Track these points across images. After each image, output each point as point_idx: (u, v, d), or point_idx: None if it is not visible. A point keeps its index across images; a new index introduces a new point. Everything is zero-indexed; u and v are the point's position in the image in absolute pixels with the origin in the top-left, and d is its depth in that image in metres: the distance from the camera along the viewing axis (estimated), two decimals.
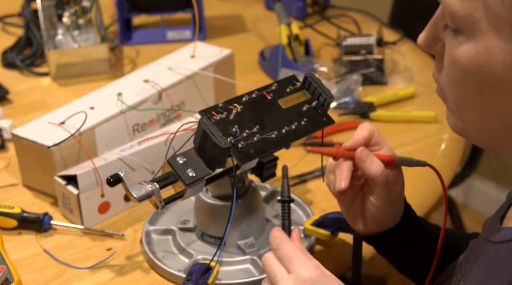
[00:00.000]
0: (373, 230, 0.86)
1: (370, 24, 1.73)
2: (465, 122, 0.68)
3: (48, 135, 1.08)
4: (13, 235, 1.04)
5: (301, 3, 1.81)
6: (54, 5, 1.52)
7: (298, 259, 0.73)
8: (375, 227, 0.85)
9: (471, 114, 0.66)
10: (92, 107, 1.16)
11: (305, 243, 0.99)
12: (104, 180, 1.02)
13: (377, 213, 0.83)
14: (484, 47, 0.60)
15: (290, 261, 0.74)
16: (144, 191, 0.84)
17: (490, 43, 0.60)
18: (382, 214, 0.84)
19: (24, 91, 1.47)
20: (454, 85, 0.65)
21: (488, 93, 0.62)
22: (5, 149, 1.25)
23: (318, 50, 1.63)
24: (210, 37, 1.72)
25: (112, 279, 0.95)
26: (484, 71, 0.61)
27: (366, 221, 0.85)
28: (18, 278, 0.90)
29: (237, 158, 0.83)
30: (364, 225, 0.86)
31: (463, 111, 0.67)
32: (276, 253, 0.76)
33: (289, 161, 1.20)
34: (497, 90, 0.61)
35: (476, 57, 0.61)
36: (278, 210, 1.05)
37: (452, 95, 0.67)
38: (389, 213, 0.84)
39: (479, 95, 0.63)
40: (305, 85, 0.94)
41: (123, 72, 1.54)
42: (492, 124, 0.65)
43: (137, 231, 1.04)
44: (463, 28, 0.62)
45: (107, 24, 1.70)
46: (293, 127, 0.89)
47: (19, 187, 1.16)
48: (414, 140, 1.27)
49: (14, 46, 1.62)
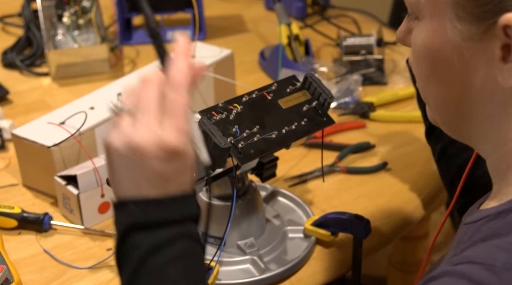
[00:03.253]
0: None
1: (370, 24, 1.73)
2: (432, 109, 0.70)
3: (48, 135, 1.08)
4: (13, 235, 1.04)
5: (301, 3, 1.81)
6: (54, 5, 1.52)
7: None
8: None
9: (433, 99, 0.69)
10: (92, 107, 1.16)
11: (305, 243, 0.99)
12: (104, 180, 1.02)
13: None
14: (432, 29, 0.64)
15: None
16: None
17: (435, 26, 0.64)
18: None
19: (24, 91, 1.47)
20: (416, 69, 0.68)
21: (441, 74, 0.65)
22: (5, 149, 1.25)
23: (318, 50, 1.63)
24: (210, 37, 1.72)
25: (112, 279, 0.95)
26: (434, 53, 0.64)
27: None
28: (18, 278, 0.90)
29: (237, 158, 0.83)
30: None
31: (428, 98, 0.69)
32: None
33: (289, 161, 1.20)
34: (447, 71, 0.64)
35: (426, 40, 0.65)
36: (278, 210, 1.06)
37: (418, 81, 0.69)
38: None
39: (435, 78, 0.66)
40: (305, 85, 0.94)
41: (123, 72, 1.54)
42: (450, 108, 0.67)
43: None
44: (417, 14, 0.66)
45: (107, 24, 1.70)
46: (293, 127, 0.89)
47: (19, 187, 1.16)
48: (414, 140, 1.27)
49: (14, 46, 1.62)
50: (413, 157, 1.21)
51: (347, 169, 1.17)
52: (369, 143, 1.23)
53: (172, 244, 0.59)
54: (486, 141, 0.67)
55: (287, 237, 1.01)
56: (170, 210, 0.60)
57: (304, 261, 0.96)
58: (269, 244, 0.98)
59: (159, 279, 0.58)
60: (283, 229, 1.01)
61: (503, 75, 0.60)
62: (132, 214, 0.59)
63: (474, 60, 0.62)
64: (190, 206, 0.62)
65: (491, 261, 0.54)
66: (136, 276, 0.59)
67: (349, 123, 1.31)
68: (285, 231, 1.01)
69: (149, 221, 0.59)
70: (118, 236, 0.60)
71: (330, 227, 0.97)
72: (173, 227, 0.60)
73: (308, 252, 0.97)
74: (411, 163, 1.18)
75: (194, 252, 0.61)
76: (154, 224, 0.59)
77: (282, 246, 0.99)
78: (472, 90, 0.64)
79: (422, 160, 1.20)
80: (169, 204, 0.60)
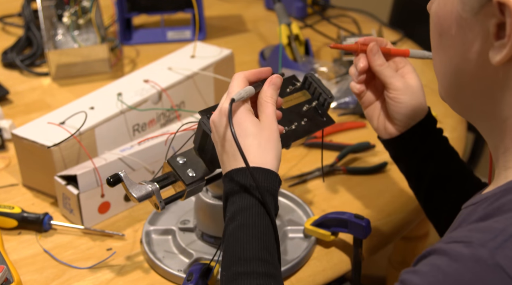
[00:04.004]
0: (391, 133, 0.92)
1: (370, 24, 1.73)
2: (438, 79, 0.74)
3: (48, 135, 1.08)
4: (13, 235, 1.04)
5: (301, 3, 1.81)
6: (54, 5, 1.52)
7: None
8: (393, 129, 0.92)
9: (437, 69, 0.73)
10: (92, 107, 1.16)
11: (305, 243, 0.99)
12: (104, 180, 1.02)
13: (397, 107, 0.90)
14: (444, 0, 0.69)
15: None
16: (144, 191, 0.84)
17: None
18: (404, 108, 0.90)
19: (24, 91, 1.47)
20: (431, 39, 0.72)
21: (445, 44, 0.69)
22: (5, 149, 1.25)
23: (318, 50, 1.63)
24: (210, 37, 1.72)
25: (112, 279, 0.95)
26: (441, 21, 0.68)
27: (386, 123, 0.92)
28: (18, 278, 0.90)
29: None
30: (384, 127, 0.93)
31: (436, 68, 0.73)
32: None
33: (289, 161, 1.20)
34: (450, 41, 0.68)
35: (437, 8, 0.69)
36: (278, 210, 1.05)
37: (432, 51, 0.74)
38: (410, 107, 0.90)
39: (441, 48, 0.70)
40: (305, 85, 0.94)
41: (123, 72, 1.54)
42: (451, 79, 0.70)
43: (137, 231, 1.04)
44: None
45: (107, 24, 1.70)
46: (293, 127, 0.89)
47: (19, 187, 1.16)
48: None
49: (14, 46, 1.62)
50: None
51: (347, 169, 1.17)
52: (369, 143, 1.23)
53: (244, 211, 0.74)
54: (483, 118, 0.70)
55: (287, 237, 1.00)
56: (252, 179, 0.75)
57: (304, 261, 0.96)
58: None
59: (232, 238, 0.73)
60: (283, 229, 1.01)
61: (493, 52, 0.62)
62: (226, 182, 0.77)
63: (472, 34, 0.65)
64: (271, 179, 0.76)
65: (469, 239, 0.57)
66: (224, 234, 0.75)
67: (349, 123, 1.31)
68: (285, 231, 1.01)
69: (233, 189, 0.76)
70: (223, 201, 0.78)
71: (330, 227, 0.97)
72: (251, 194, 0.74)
73: (308, 252, 0.97)
74: None
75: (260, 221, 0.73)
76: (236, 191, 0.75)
77: (282, 246, 0.99)
78: (469, 63, 0.66)
79: None
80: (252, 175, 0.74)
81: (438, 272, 0.57)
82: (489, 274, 0.55)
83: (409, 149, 0.93)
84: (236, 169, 0.76)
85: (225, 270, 0.73)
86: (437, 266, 0.58)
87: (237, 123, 0.77)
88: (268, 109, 0.80)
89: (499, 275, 0.54)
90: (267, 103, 0.80)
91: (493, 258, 0.55)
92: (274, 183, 0.76)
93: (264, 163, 0.76)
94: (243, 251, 0.72)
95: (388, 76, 0.90)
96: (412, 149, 0.93)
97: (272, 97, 0.81)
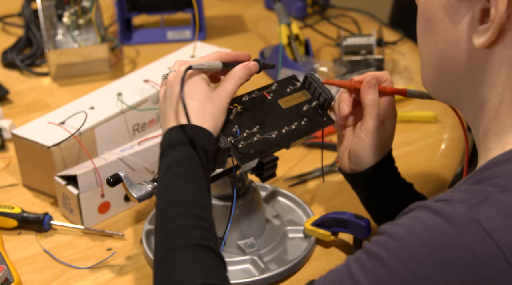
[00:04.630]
0: (353, 168, 0.93)
1: (370, 24, 1.73)
2: (422, 67, 0.75)
3: (48, 135, 1.08)
4: (13, 235, 1.04)
5: (301, 3, 1.81)
6: (54, 5, 1.52)
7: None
8: (356, 165, 0.92)
9: (423, 52, 0.74)
10: (92, 107, 1.16)
11: (305, 243, 0.99)
12: (104, 180, 1.02)
13: (361, 150, 0.90)
14: None
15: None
16: (144, 191, 0.84)
17: None
18: (365, 153, 0.91)
19: (24, 91, 1.47)
20: (417, 26, 0.74)
21: (431, 26, 0.71)
22: (5, 149, 1.25)
23: (318, 50, 1.63)
24: (210, 37, 1.72)
25: (112, 279, 0.95)
26: (429, 6, 0.70)
27: (350, 158, 0.93)
28: (18, 278, 0.90)
29: (237, 158, 0.83)
30: (348, 161, 0.94)
31: (421, 56, 0.75)
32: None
33: (289, 161, 1.20)
34: (436, 24, 0.70)
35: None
36: (278, 210, 1.06)
37: (417, 39, 0.75)
38: (369, 154, 0.91)
39: (427, 31, 0.72)
40: (305, 85, 0.94)
41: (123, 72, 1.54)
42: (435, 63, 0.72)
43: (137, 231, 1.04)
44: None
45: (107, 24, 1.70)
46: (293, 127, 0.89)
47: (19, 187, 1.16)
48: (414, 140, 1.27)
49: (14, 46, 1.62)
50: (413, 157, 1.21)
51: None
52: None
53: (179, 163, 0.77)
54: (466, 102, 0.72)
55: (287, 237, 1.01)
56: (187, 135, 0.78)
57: (304, 261, 0.96)
58: (269, 244, 0.98)
59: (169, 187, 0.76)
60: (283, 229, 1.01)
61: (477, 35, 0.65)
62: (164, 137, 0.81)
63: (458, 19, 0.67)
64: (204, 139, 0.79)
65: (450, 197, 0.62)
66: (159, 185, 0.78)
67: None
68: (285, 231, 1.01)
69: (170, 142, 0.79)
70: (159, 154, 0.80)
71: (330, 227, 0.97)
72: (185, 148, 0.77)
73: (308, 252, 0.97)
74: (411, 163, 1.18)
75: (195, 171, 0.77)
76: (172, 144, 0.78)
77: (282, 246, 0.99)
78: (455, 47, 0.68)
79: (422, 160, 1.20)
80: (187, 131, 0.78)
81: (419, 223, 0.61)
82: (466, 226, 0.58)
83: (369, 184, 0.94)
84: (175, 126, 0.79)
85: (161, 215, 0.75)
86: (419, 218, 0.61)
87: (189, 87, 0.81)
88: (229, 85, 0.83)
89: (475, 227, 0.58)
90: (230, 80, 0.84)
91: (471, 212, 0.59)
92: (209, 142, 0.79)
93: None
94: (179, 196, 0.75)
95: (372, 117, 0.89)
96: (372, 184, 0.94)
97: (240, 78, 0.84)
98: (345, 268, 0.63)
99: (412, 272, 0.59)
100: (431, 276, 0.58)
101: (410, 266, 0.59)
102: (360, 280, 0.61)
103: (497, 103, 0.67)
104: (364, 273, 0.61)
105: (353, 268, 0.62)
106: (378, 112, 0.90)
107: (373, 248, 0.62)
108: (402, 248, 0.60)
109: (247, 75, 0.85)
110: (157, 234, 0.74)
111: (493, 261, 0.57)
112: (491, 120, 0.68)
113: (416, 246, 0.59)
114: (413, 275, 0.59)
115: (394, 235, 0.61)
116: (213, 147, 0.79)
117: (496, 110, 0.68)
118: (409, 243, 0.60)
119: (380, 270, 0.60)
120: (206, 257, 0.71)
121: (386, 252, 0.60)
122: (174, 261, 0.70)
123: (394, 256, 0.60)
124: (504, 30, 0.64)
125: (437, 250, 0.58)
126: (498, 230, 0.58)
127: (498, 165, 0.65)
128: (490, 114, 0.68)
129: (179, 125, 0.79)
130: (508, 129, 0.67)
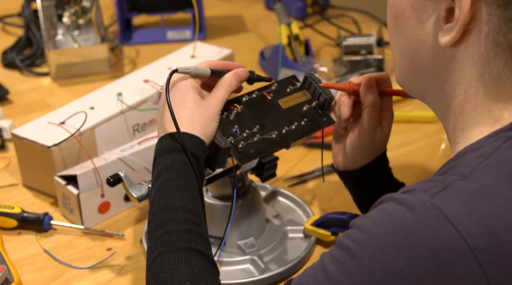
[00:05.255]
0: (346, 166, 0.94)
1: (370, 24, 1.73)
2: (395, 62, 0.77)
3: (48, 135, 1.08)
4: (13, 235, 1.04)
5: (301, 3, 1.81)
6: (54, 5, 1.52)
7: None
8: (350, 163, 0.93)
9: (394, 48, 0.75)
10: (92, 107, 1.16)
11: (305, 243, 0.99)
12: (104, 180, 1.02)
13: (356, 149, 0.91)
14: None
15: None
16: (144, 191, 0.84)
17: None
18: (360, 152, 0.91)
19: (24, 91, 1.47)
20: (387, 18, 0.75)
21: (399, 23, 0.72)
22: (5, 149, 1.25)
23: (318, 50, 1.63)
24: (210, 37, 1.72)
25: (112, 279, 0.95)
26: (397, 3, 0.71)
27: (345, 155, 0.93)
28: (18, 278, 0.90)
29: (237, 158, 0.83)
30: (342, 159, 0.94)
31: (392, 51, 0.76)
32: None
33: (289, 161, 1.20)
34: (404, 21, 0.71)
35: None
36: (278, 210, 1.06)
37: (389, 34, 0.76)
38: (364, 153, 0.91)
39: (395, 28, 0.73)
40: (305, 85, 0.94)
41: (123, 72, 1.54)
42: (406, 61, 0.74)
43: (137, 231, 1.04)
44: None
45: (107, 24, 1.70)
46: (293, 127, 0.89)
47: (19, 187, 1.16)
48: (414, 140, 1.27)
49: (14, 46, 1.62)
50: (413, 157, 1.21)
51: None
52: None
53: (168, 169, 0.78)
54: (435, 99, 0.74)
55: (287, 237, 1.01)
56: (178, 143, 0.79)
57: (304, 261, 0.96)
58: (269, 244, 0.98)
59: (160, 193, 0.78)
60: (283, 229, 1.01)
61: (442, 34, 0.67)
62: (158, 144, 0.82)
63: (424, 17, 0.68)
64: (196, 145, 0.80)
65: (413, 188, 0.64)
66: (151, 192, 0.80)
67: None
68: (285, 231, 1.01)
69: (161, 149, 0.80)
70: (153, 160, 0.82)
71: (330, 227, 0.97)
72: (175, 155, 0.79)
73: (308, 252, 0.97)
74: (411, 163, 1.18)
75: (185, 177, 0.78)
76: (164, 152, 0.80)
77: (282, 246, 0.99)
78: (422, 45, 0.70)
79: (422, 160, 1.20)
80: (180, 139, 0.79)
81: (383, 213, 0.63)
82: (426, 213, 0.60)
83: (362, 183, 0.95)
84: (167, 134, 0.81)
85: (153, 220, 0.76)
86: (384, 209, 0.64)
87: (180, 95, 0.82)
88: (219, 93, 0.84)
89: (435, 213, 0.60)
90: (221, 87, 0.84)
91: (432, 200, 0.61)
92: (200, 148, 0.80)
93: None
94: (169, 201, 0.76)
95: (370, 117, 0.89)
96: (366, 183, 0.94)
97: (230, 85, 0.85)
98: (319, 263, 0.65)
99: (378, 260, 0.61)
100: (396, 262, 0.60)
101: (376, 254, 0.61)
102: (332, 272, 0.63)
103: (462, 100, 0.69)
104: (335, 265, 0.63)
105: (325, 261, 0.64)
106: (377, 113, 0.90)
107: (343, 241, 0.64)
108: (368, 239, 0.62)
109: (237, 81, 0.85)
110: (149, 239, 0.76)
111: (454, 245, 0.58)
112: (458, 116, 0.70)
113: (381, 234, 0.61)
114: (379, 263, 0.61)
115: (362, 227, 0.63)
116: (204, 153, 0.81)
117: (462, 106, 0.70)
118: (374, 233, 0.62)
119: (349, 261, 0.62)
120: (195, 261, 0.72)
121: (354, 244, 0.63)
122: (163, 265, 0.72)
123: (360, 246, 0.62)
124: (468, 29, 0.65)
125: (400, 237, 0.60)
126: (457, 215, 0.59)
127: (463, 156, 0.67)
128: (456, 110, 0.70)
129: (169, 133, 0.81)
130: (472, 124, 0.69)
